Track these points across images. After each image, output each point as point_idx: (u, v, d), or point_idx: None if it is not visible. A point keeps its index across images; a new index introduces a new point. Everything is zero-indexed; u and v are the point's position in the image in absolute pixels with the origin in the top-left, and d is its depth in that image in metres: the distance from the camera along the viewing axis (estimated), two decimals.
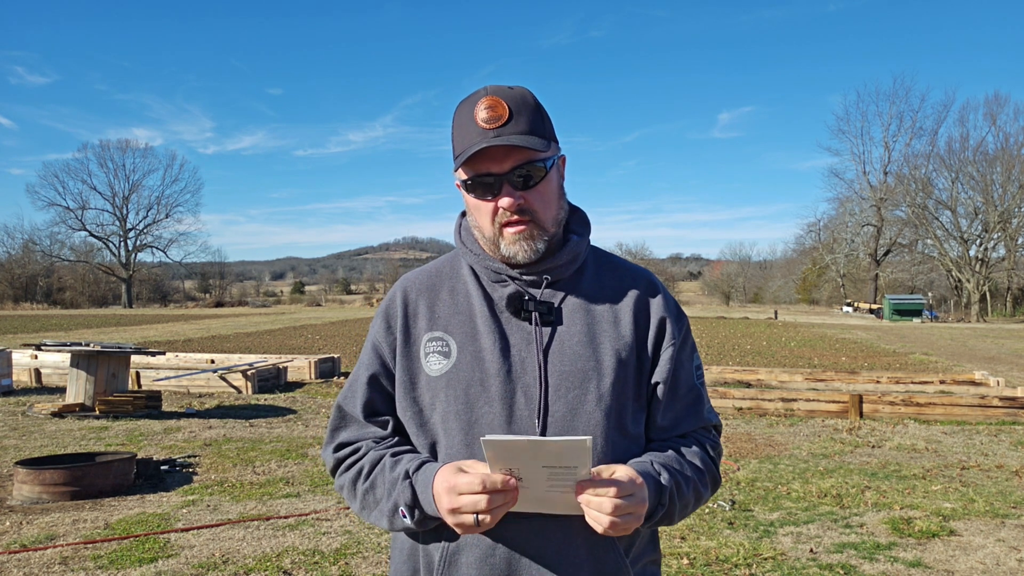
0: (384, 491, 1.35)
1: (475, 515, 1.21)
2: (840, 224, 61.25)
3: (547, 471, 1.20)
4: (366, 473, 1.39)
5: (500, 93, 1.35)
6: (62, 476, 5.58)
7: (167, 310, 54.95)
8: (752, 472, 6.58)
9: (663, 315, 1.45)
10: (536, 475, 1.21)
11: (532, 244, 1.37)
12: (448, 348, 1.40)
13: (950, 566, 4.41)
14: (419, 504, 1.30)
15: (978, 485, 6.22)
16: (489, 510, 1.20)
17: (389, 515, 1.34)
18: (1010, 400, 9.28)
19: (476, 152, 1.32)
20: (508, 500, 1.22)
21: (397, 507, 1.32)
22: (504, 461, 1.20)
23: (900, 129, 57.18)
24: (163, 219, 69.69)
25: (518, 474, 1.21)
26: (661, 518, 1.33)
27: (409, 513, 1.31)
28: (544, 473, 1.21)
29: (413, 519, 1.31)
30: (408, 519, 1.31)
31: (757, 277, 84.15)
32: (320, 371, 13.04)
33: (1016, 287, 50.07)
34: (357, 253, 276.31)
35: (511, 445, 1.18)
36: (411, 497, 1.30)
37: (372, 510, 1.38)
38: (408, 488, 1.31)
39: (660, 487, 1.31)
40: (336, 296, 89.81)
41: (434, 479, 1.28)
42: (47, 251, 67.12)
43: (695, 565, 4.37)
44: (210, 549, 4.60)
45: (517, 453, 1.19)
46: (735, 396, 9.94)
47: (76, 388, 9.17)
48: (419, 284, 1.49)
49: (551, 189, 1.39)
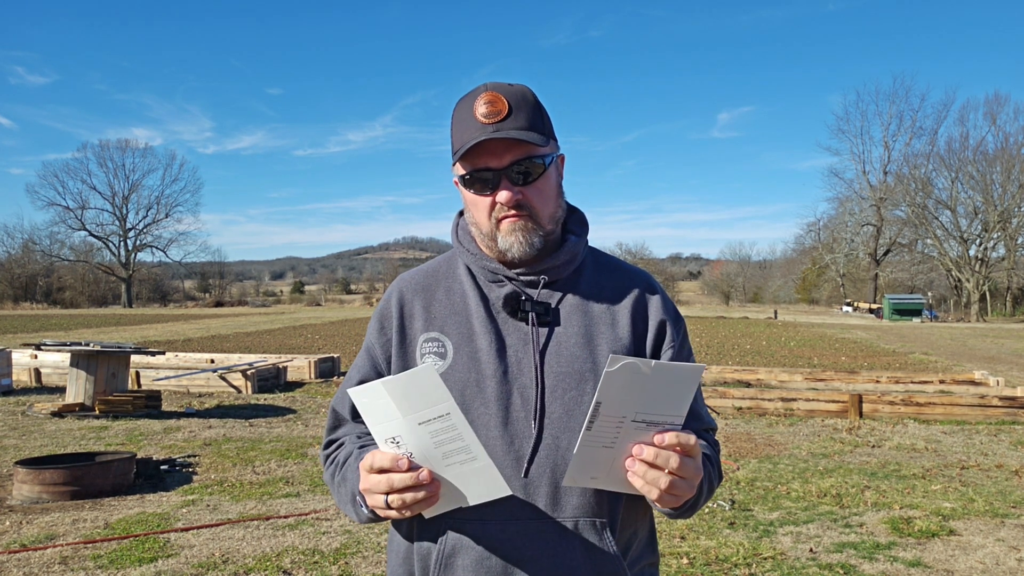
0: (352, 481, 1.33)
1: (384, 496, 1.19)
2: (840, 224, 61.28)
3: (425, 429, 1.17)
4: (340, 464, 1.38)
5: (500, 89, 1.35)
6: (62, 476, 5.58)
7: (167, 310, 54.94)
8: (752, 472, 6.58)
9: (662, 317, 1.44)
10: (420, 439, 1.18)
11: (528, 237, 1.35)
12: (444, 349, 1.38)
13: (950, 566, 4.41)
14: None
15: (978, 485, 6.22)
16: (392, 491, 1.18)
17: (352, 504, 1.32)
18: (1010, 400, 9.28)
19: (475, 146, 1.32)
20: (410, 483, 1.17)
21: (354, 495, 1.30)
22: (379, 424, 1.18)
23: (900, 129, 57.34)
24: (163, 219, 69.79)
25: (405, 446, 1.19)
26: (688, 507, 1.30)
27: (364, 501, 1.28)
28: (425, 434, 1.17)
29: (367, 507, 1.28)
30: (364, 508, 1.29)
31: (757, 277, 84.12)
32: (320, 371, 13.04)
33: (1016, 287, 50.05)
34: (357, 253, 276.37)
35: (368, 392, 1.17)
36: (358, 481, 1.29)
37: (346, 503, 1.36)
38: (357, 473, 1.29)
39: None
40: (336, 296, 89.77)
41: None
42: (47, 251, 67.17)
43: (695, 565, 4.37)
44: (210, 549, 4.60)
45: (382, 406, 1.17)
46: (735, 396, 9.93)
47: (76, 388, 9.17)
48: (415, 284, 1.47)
49: (549, 186, 1.38)
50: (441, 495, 1.22)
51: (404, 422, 1.18)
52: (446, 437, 1.18)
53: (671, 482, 1.17)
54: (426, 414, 1.17)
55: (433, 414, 1.17)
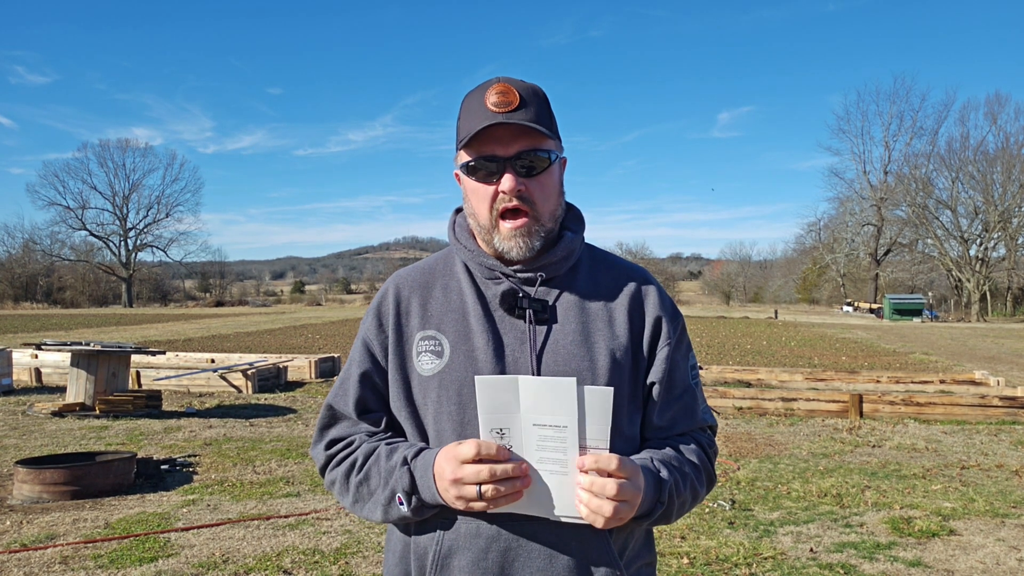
0: (380, 480, 1.33)
1: (478, 486, 1.20)
2: (840, 224, 61.26)
3: (536, 431, 1.21)
4: (359, 464, 1.37)
5: (512, 82, 1.35)
6: (62, 475, 5.58)
7: (167, 309, 54.95)
8: (752, 472, 6.58)
9: (659, 314, 1.43)
10: (527, 438, 1.22)
11: (528, 241, 1.35)
12: (441, 347, 1.38)
13: (950, 565, 4.41)
14: (417, 490, 1.29)
15: (978, 485, 6.22)
16: (491, 480, 1.20)
17: (384, 504, 1.33)
18: (1010, 400, 9.28)
19: (482, 133, 1.31)
20: (512, 474, 1.21)
21: (394, 494, 1.31)
22: (493, 413, 1.22)
23: (900, 129, 57.30)
24: (163, 218, 69.91)
25: (509, 438, 1.22)
26: (660, 516, 1.32)
27: (406, 500, 1.29)
28: (534, 435, 1.21)
29: (410, 506, 1.30)
30: (405, 506, 1.30)
31: (757, 277, 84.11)
32: (320, 370, 13.04)
33: (1016, 287, 50.02)
34: (357, 252, 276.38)
35: (498, 384, 1.21)
36: (409, 483, 1.29)
37: (366, 502, 1.36)
38: (407, 474, 1.30)
39: (660, 483, 1.30)
40: (336, 296, 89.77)
41: (435, 459, 1.27)
42: (47, 250, 67.24)
43: (695, 564, 4.37)
44: (210, 548, 4.60)
45: (506, 399, 1.21)
46: (735, 396, 9.93)
47: (76, 387, 9.17)
48: (412, 281, 1.46)
49: (552, 183, 1.38)
50: (528, 494, 1.25)
51: (519, 417, 1.21)
52: (551, 445, 1.22)
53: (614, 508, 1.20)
54: (546, 419, 1.21)
55: (553, 422, 1.21)
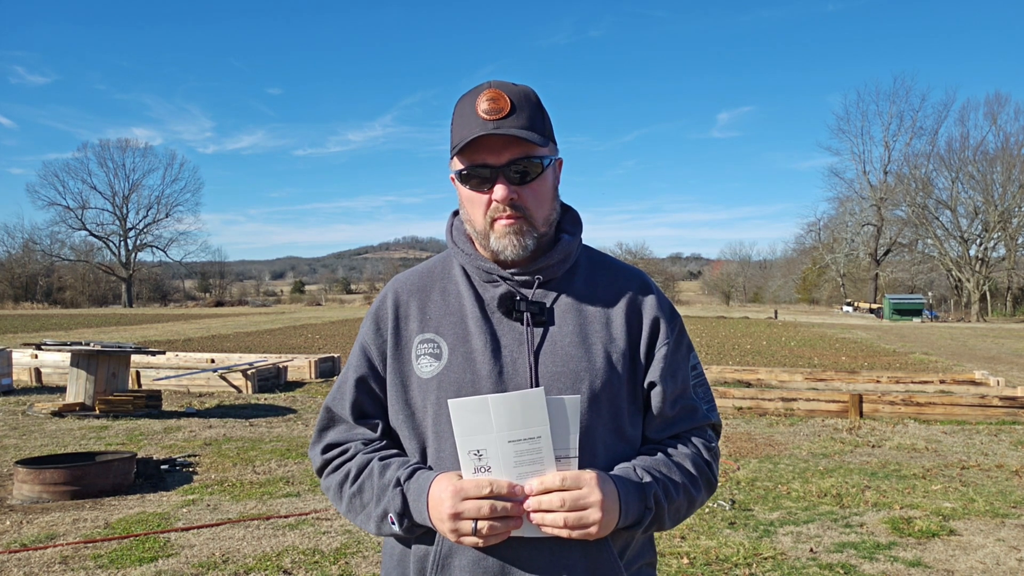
0: (372, 496, 1.34)
1: (474, 522, 1.21)
2: (840, 224, 61.24)
3: (512, 448, 1.21)
4: (353, 477, 1.38)
5: (503, 87, 1.34)
6: (62, 475, 5.58)
7: (167, 309, 54.95)
8: (752, 472, 6.58)
9: (656, 315, 1.43)
10: (504, 455, 1.22)
11: (521, 240, 1.35)
12: (439, 350, 1.38)
13: (950, 566, 4.41)
14: (409, 513, 1.30)
15: (978, 485, 6.22)
16: (491, 517, 1.20)
17: (377, 521, 1.34)
18: (1010, 400, 9.28)
19: (473, 142, 1.31)
20: (511, 512, 1.21)
21: (386, 514, 1.32)
22: (469, 435, 1.22)
23: (900, 129, 57.24)
24: (163, 218, 69.90)
25: (487, 459, 1.22)
26: (652, 522, 1.32)
27: (398, 521, 1.30)
28: (511, 451, 1.21)
29: (401, 527, 1.31)
30: (396, 526, 1.31)
31: (757, 277, 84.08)
32: (320, 370, 13.05)
33: (1016, 287, 50.01)
34: (357, 253, 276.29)
35: (470, 405, 1.21)
36: (401, 505, 1.30)
37: (359, 514, 1.37)
38: (399, 496, 1.30)
39: (642, 490, 1.30)
40: (336, 296, 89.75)
41: (430, 487, 1.27)
42: (47, 250, 67.22)
43: (695, 564, 4.37)
44: (210, 548, 4.60)
45: (479, 420, 1.21)
46: (735, 396, 9.93)
47: (76, 387, 9.17)
48: (410, 285, 1.47)
49: (546, 188, 1.38)
50: None
51: (495, 437, 1.21)
52: (528, 458, 1.22)
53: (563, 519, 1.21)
54: (519, 433, 1.21)
55: (526, 435, 1.21)
